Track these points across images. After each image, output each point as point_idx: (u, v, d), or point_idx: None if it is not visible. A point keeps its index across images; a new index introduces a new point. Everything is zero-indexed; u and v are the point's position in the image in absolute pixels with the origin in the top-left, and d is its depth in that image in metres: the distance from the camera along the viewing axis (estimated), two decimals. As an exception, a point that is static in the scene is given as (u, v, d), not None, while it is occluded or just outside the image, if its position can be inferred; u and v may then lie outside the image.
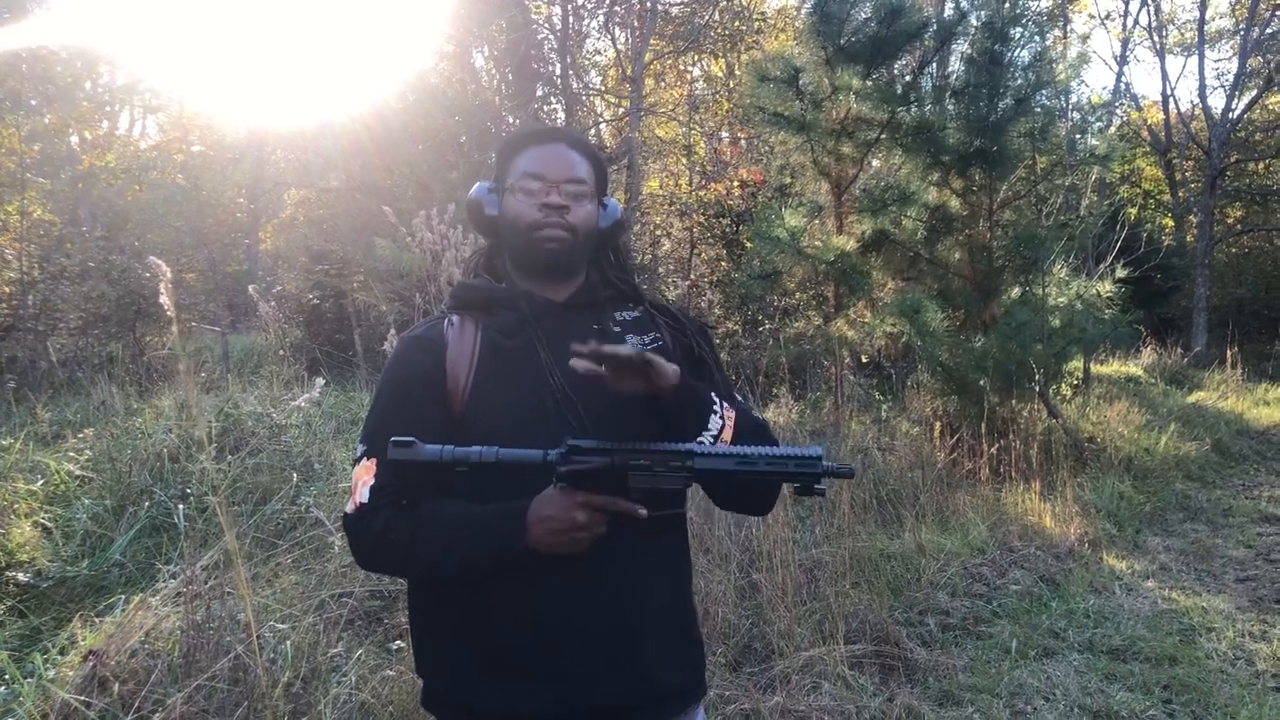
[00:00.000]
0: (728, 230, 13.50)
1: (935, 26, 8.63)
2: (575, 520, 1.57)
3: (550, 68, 17.67)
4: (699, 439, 1.69)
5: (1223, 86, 24.01)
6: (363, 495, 1.71)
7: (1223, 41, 24.92)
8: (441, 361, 1.76)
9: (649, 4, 15.73)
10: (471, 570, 1.69)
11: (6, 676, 3.20)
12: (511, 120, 16.58)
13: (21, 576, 4.39)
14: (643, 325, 1.91)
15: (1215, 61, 26.49)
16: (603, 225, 1.88)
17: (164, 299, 2.89)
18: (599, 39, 20.97)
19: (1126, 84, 31.55)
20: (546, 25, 17.60)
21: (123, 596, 3.85)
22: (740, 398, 1.96)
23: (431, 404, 1.74)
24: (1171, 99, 25.45)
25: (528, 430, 1.66)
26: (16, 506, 4.94)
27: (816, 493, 1.63)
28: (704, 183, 15.79)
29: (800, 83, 8.35)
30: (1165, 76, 35.64)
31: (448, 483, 1.65)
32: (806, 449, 1.59)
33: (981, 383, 7.64)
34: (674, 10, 18.17)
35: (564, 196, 1.78)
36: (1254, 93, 22.47)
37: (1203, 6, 22.75)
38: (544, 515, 1.58)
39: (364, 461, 1.74)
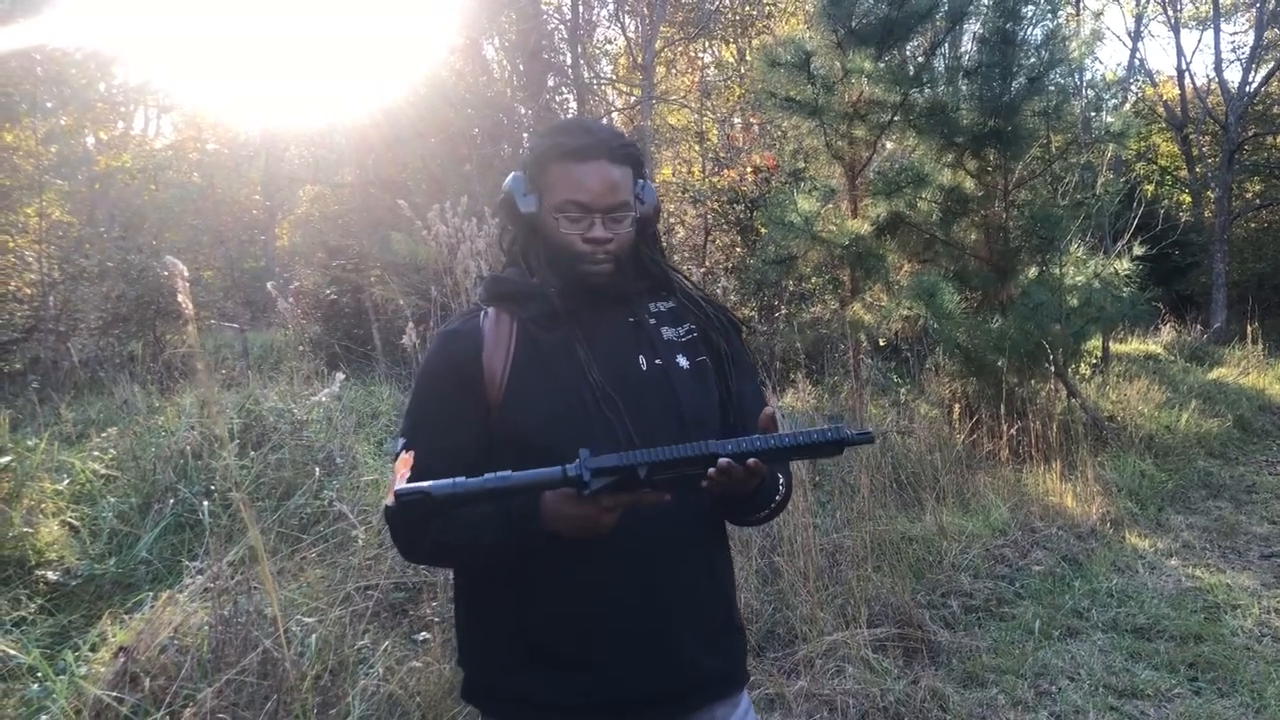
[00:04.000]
0: (742, 216, 13.45)
1: (946, 6, 8.57)
2: (600, 523, 1.57)
3: (561, 57, 17.66)
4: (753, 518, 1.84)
5: (1239, 60, 23.82)
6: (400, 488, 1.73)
7: (1238, 14, 24.66)
8: (477, 355, 1.76)
9: (658, -9, 15.69)
10: (498, 563, 1.72)
11: (39, 674, 3.25)
12: (524, 112, 16.57)
13: (51, 575, 4.44)
14: (678, 316, 1.91)
15: (1231, 35, 26.16)
16: (639, 215, 1.85)
17: (182, 298, 2.92)
18: (609, 28, 20.94)
19: (1141, 60, 31.25)
20: (556, 15, 17.59)
21: (150, 593, 3.88)
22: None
23: (468, 397, 1.74)
24: (1187, 74, 25.25)
25: (566, 425, 1.67)
26: (44, 506, 4.99)
27: (835, 453, 1.65)
28: (717, 169, 15.72)
29: (812, 67, 8.30)
30: (1180, 51, 35.28)
31: (483, 466, 1.66)
32: (826, 430, 1.60)
33: (1000, 364, 7.62)
34: (683, -3, 18.12)
35: (607, 227, 1.76)
36: (1271, 65, 22.26)
37: (1217, -21, 22.55)
38: (566, 515, 1.58)
39: (402, 454, 1.73)
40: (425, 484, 1.50)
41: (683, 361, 1.84)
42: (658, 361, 1.81)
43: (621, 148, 1.79)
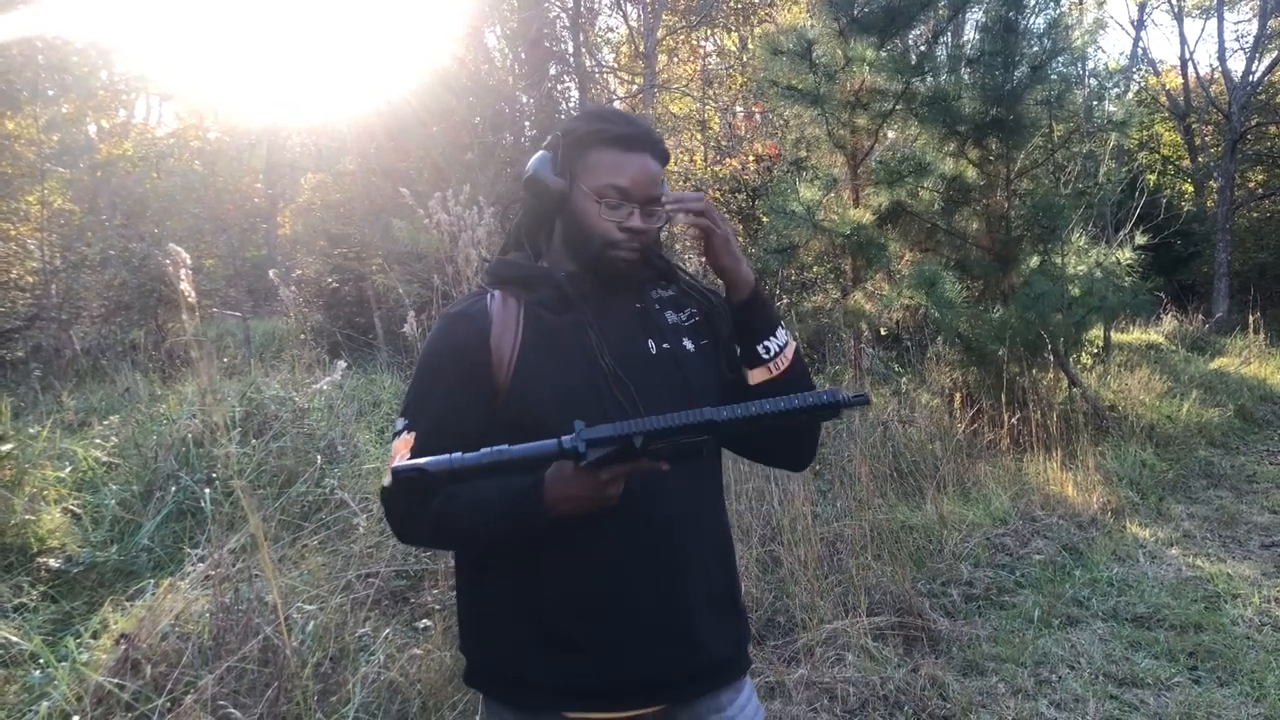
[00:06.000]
0: (744, 205, 13.45)
1: (949, -6, 8.56)
2: (604, 495, 1.57)
3: (563, 46, 17.60)
4: (762, 345, 1.84)
5: (1242, 49, 23.80)
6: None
7: (1242, 3, 24.60)
8: (485, 337, 1.75)
9: (660, -21, 15.67)
10: (499, 544, 1.71)
11: (41, 661, 3.26)
12: (525, 100, 16.54)
13: (53, 562, 4.46)
14: (680, 302, 1.92)
15: (1235, 24, 26.17)
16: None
17: (184, 286, 2.92)
18: (611, 15, 20.90)
19: (1144, 49, 31.22)
20: (558, 3, 17.52)
21: (152, 580, 3.90)
22: None
23: (472, 378, 1.73)
24: (1190, 63, 25.25)
25: (577, 408, 1.64)
26: (46, 493, 5.00)
27: (833, 416, 1.67)
28: (719, 158, 15.71)
29: (814, 55, 8.28)
30: (1184, 40, 35.24)
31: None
32: (821, 393, 1.60)
33: (1001, 353, 7.61)
34: (686, -15, 18.09)
35: (644, 219, 1.77)
36: (1275, 54, 22.20)
37: (1221, -32, 22.48)
38: (570, 495, 1.57)
39: (403, 435, 1.74)
40: (422, 460, 1.50)
41: (689, 345, 1.86)
42: (666, 345, 1.82)
43: (660, 144, 1.82)
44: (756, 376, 1.86)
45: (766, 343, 1.85)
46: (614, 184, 1.75)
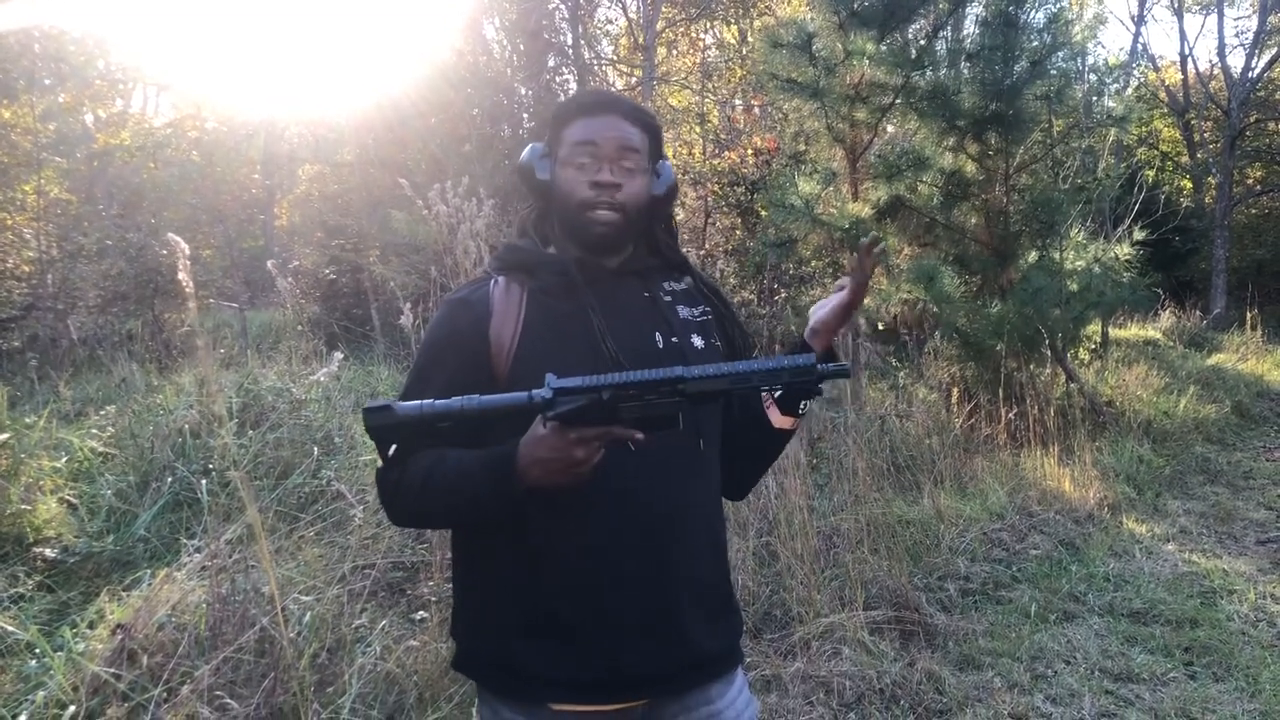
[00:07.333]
0: (742, 199, 13.42)
1: (949, -12, 8.54)
2: (574, 458, 1.53)
3: (562, 38, 17.58)
4: (803, 401, 1.87)
5: (1242, 45, 23.76)
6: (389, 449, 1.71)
7: (1242, -1, 24.59)
8: (485, 324, 1.74)
9: (660, -29, 15.64)
10: (482, 517, 1.69)
11: (37, 651, 3.25)
12: (524, 92, 16.51)
13: (49, 552, 4.45)
14: (692, 297, 1.90)
15: (1235, 20, 26.27)
16: (655, 193, 1.84)
17: (183, 276, 2.91)
18: (610, 7, 20.86)
19: (1144, 44, 31.19)
20: (557, -6, 17.51)
21: (148, 571, 3.89)
22: None
23: (472, 367, 1.71)
24: (1190, 59, 25.22)
25: None
26: (42, 483, 4.99)
27: (817, 393, 1.69)
28: (718, 151, 15.67)
29: (813, 48, 8.27)
30: (1183, 36, 35.06)
31: (470, 431, 1.63)
32: (797, 358, 1.57)
33: (998, 348, 7.61)
34: (685, -23, 18.04)
35: (616, 173, 1.74)
36: (1274, 50, 22.18)
37: (1221, -36, 22.45)
38: (540, 458, 1.54)
39: None
40: (392, 401, 1.52)
41: (697, 341, 1.84)
42: (674, 340, 1.80)
43: (637, 110, 1.80)
44: (781, 422, 1.88)
45: (809, 401, 1.89)
46: (580, 140, 1.75)
